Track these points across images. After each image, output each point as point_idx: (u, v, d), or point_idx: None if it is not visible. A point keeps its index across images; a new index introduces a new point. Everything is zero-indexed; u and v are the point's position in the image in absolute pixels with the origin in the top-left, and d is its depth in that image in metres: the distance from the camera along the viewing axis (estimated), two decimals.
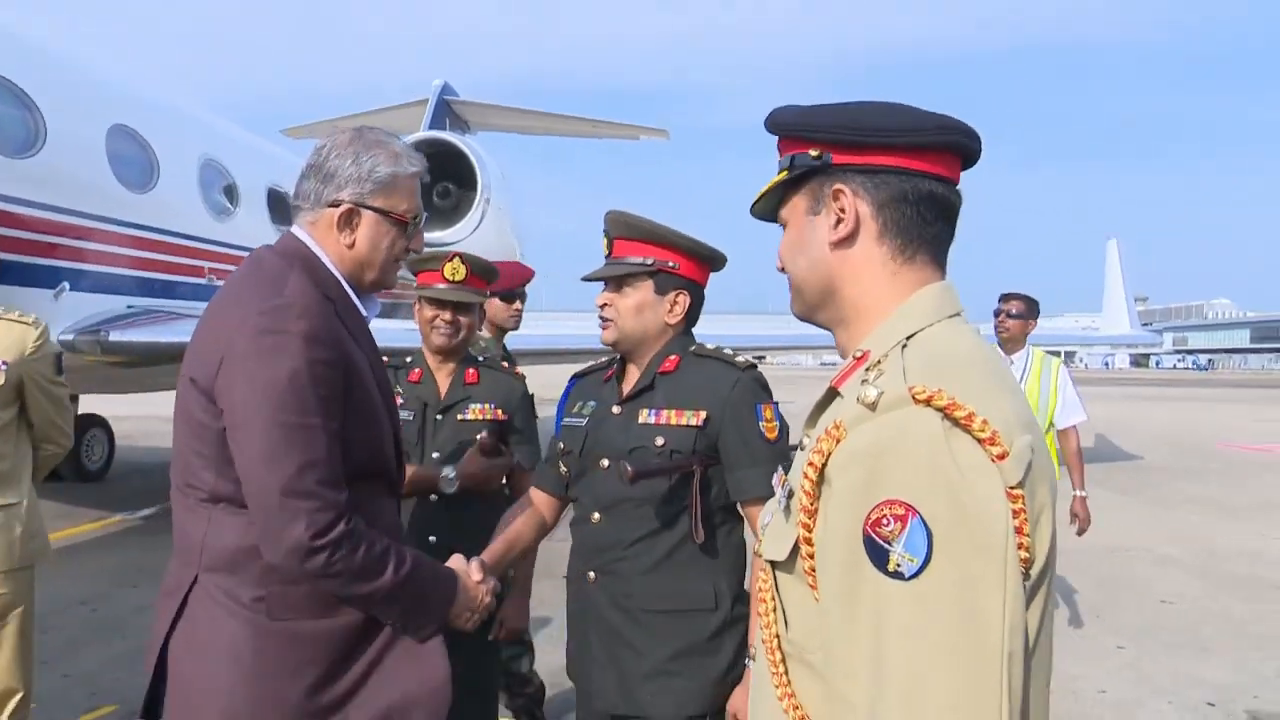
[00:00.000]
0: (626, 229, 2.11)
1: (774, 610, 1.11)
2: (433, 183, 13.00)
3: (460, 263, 2.68)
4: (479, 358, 2.83)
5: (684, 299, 2.10)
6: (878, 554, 0.90)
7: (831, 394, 1.10)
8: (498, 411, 2.71)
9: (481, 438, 2.48)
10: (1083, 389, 4.97)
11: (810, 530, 1.00)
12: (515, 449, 2.77)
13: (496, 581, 1.96)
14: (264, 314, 1.54)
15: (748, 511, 2.00)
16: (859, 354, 1.09)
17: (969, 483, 0.89)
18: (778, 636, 1.10)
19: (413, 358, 2.77)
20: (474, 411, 2.68)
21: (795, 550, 1.04)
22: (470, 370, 2.75)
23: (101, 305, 7.41)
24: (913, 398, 0.93)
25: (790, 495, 1.07)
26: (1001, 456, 0.90)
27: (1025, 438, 0.93)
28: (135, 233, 7.82)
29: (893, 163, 1.10)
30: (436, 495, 2.56)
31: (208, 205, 8.90)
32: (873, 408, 0.96)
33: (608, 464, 2.05)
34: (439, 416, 2.66)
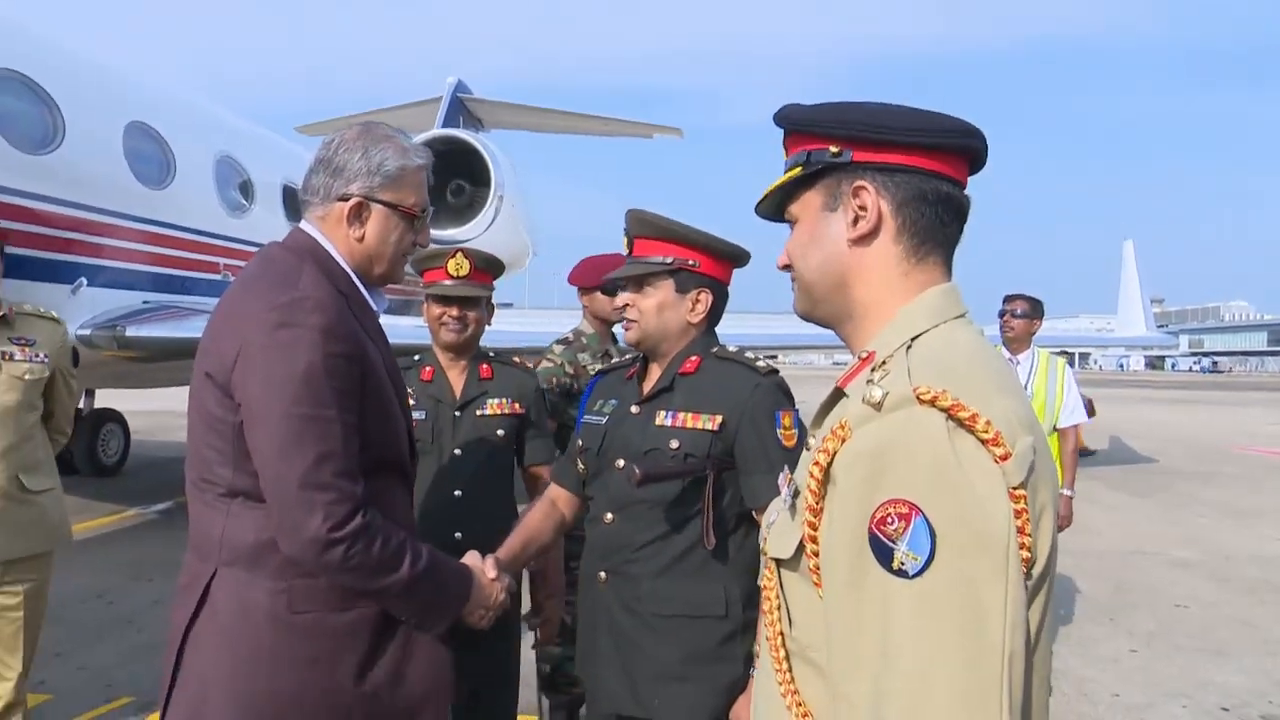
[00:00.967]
0: (646, 228, 2.10)
1: (778, 609, 1.12)
2: (446, 180, 13.03)
3: (464, 258, 2.68)
4: (490, 352, 2.82)
5: (706, 297, 2.08)
6: (882, 552, 0.91)
7: (837, 394, 1.11)
8: (515, 405, 2.71)
9: (526, 615, 2.63)
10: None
11: (815, 529, 1.01)
12: (530, 443, 2.78)
13: (511, 579, 1.96)
14: (279, 308, 1.55)
15: (759, 517, 1.98)
16: (864, 354, 1.10)
17: (972, 483, 0.90)
18: (782, 635, 1.11)
19: (421, 356, 2.76)
20: (492, 407, 2.68)
21: (800, 549, 1.05)
22: (484, 365, 2.74)
23: (118, 301, 7.47)
24: (917, 398, 0.94)
25: (796, 494, 1.08)
26: (1004, 457, 0.91)
27: (1027, 439, 0.94)
28: (152, 229, 7.88)
29: (911, 162, 1.10)
30: (460, 491, 2.57)
31: (223, 202, 8.96)
32: (878, 408, 0.96)
33: (623, 464, 2.04)
34: (457, 414, 2.66)
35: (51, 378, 3.17)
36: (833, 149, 1.12)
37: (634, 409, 2.10)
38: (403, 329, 7.94)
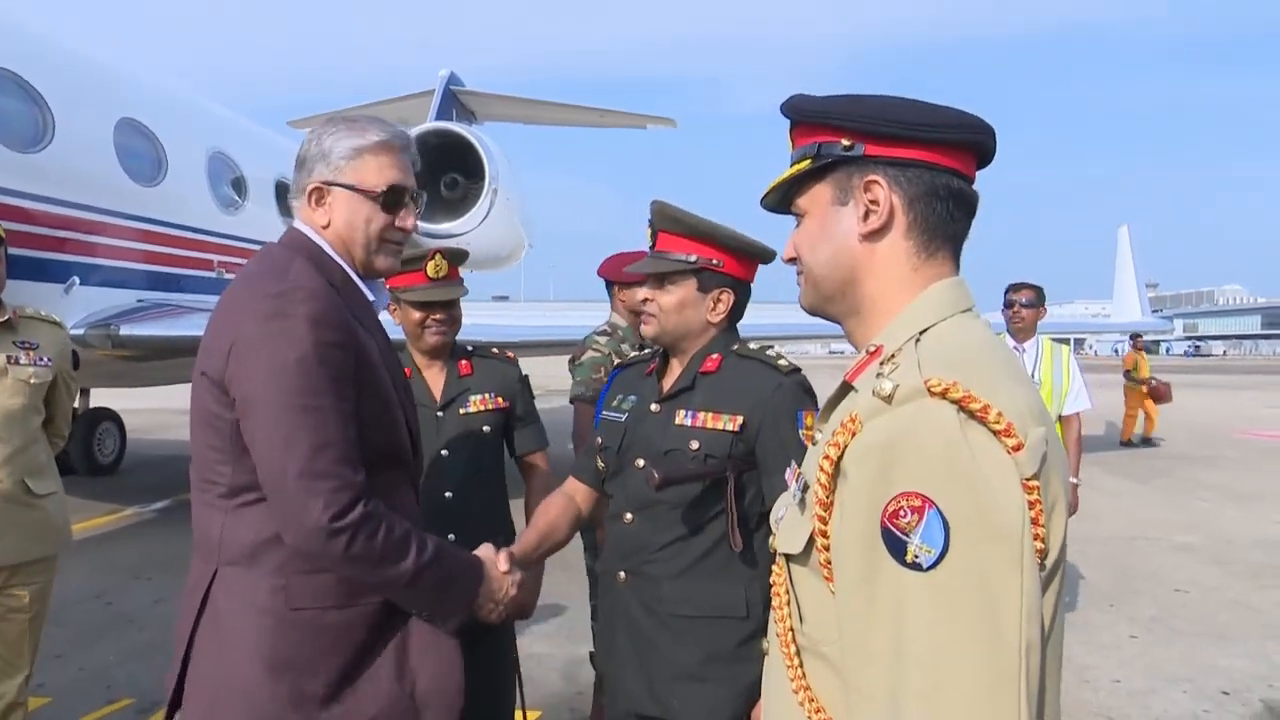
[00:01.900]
0: (671, 223, 2.06)
1: (788, 604, 1.11)
2: (440, 174, 12.97)
3: (442, 259, 2.61)
4: (468, 347, 2.76)
5: (728, 297, 2.06)
6: (896, 545, 0.90)
7: (845, 388, 1.10)
8: (498, 399, 2.66)
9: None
10: (1094, 376, 4.96)
11: (825, 524, 1.00)
12: (520, 433, 2.73)
13: (521, 573, 1.93)
14: (269, 299, 1.54)
15: None
16: (872, 348, 1.09)
17: (985, 474, 0.89)
18: (792, 630, 1.10)
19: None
20: (475, 403, 2.63)
21: (810, 544, 1.04)
22: (463, 362, 2.69)
23: (111, 299, 7.43)
24: (928, 390, 0.93)
25: (805, 489, 1.07)
26: (1017, 448, 0.91)
27: (1039, 429, 0.94)
28: (144, 226, 7.84)
29: (923, 157, 1.10)
30: (451, 493, 2.54)
31: (216, 198, 8.92)
32: (888, 400, 0.96)
33: (642, 464, 2.02)
34: (440, 414, 2.60)
35: (53, 381, 3.17)
36: (844, 142, 1.11)
37: (654, 407, 2.07)
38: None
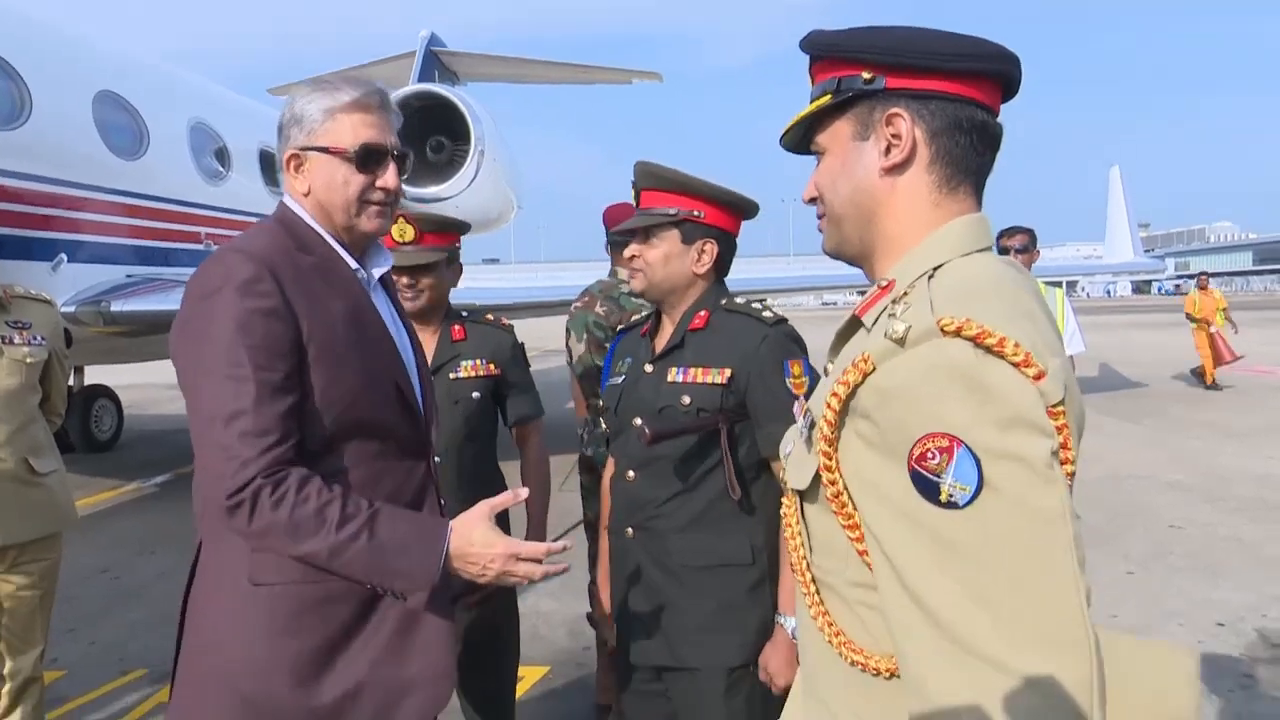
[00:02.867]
0: (652, 179, 2.10)
1: (799, 535, 1.11)
2: (425, 137, 12.81)
3: (406, 223, 2.57)
4: (462, 312, 2.75)
5: (711, 248, 2.08)
6: (928, 488, 0.89)
7: (855, 322, 1.09)
8: (490, 366, 2.64)
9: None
10: (1086, 318, 4.99)
11: (830, 459, 1.00)
12: (513, 400, 2.71)
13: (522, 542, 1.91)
14: (198, 278, 1.54)
15: (776, 467, 2.00)
16: (884, 283, 1.07)
17: (1012, 405, 0.88)
18: (805, 560, 1.11)
19: None
20: (466, 369, 2.62)
21: (816, 479, 1.03)
22: (456, 326, 2.67)
23: (101, 276, 7.39)
24: (941, 330, 0.92)
25: (812, 425, 1.05)
26: (1039, 376, 0.89)
27: (1056, 360, 0.92)
28: (129, 200, 7.77)
29: (947, 89, 1.06)
30: (440, 458, 2.55)
31: (200, 169, 8.83)
32: (901, 343, 0.93)
33: (639, 423, 2.06)
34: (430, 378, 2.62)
35: (48, 360, 3.19)
36: (865, 75, 1.08)
37: (648, 368, 2.12)
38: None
